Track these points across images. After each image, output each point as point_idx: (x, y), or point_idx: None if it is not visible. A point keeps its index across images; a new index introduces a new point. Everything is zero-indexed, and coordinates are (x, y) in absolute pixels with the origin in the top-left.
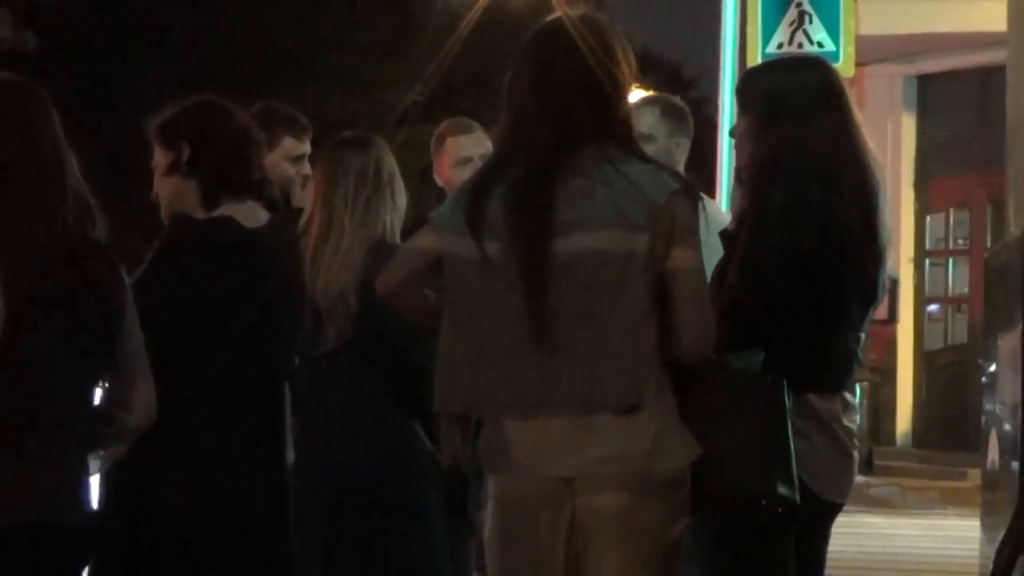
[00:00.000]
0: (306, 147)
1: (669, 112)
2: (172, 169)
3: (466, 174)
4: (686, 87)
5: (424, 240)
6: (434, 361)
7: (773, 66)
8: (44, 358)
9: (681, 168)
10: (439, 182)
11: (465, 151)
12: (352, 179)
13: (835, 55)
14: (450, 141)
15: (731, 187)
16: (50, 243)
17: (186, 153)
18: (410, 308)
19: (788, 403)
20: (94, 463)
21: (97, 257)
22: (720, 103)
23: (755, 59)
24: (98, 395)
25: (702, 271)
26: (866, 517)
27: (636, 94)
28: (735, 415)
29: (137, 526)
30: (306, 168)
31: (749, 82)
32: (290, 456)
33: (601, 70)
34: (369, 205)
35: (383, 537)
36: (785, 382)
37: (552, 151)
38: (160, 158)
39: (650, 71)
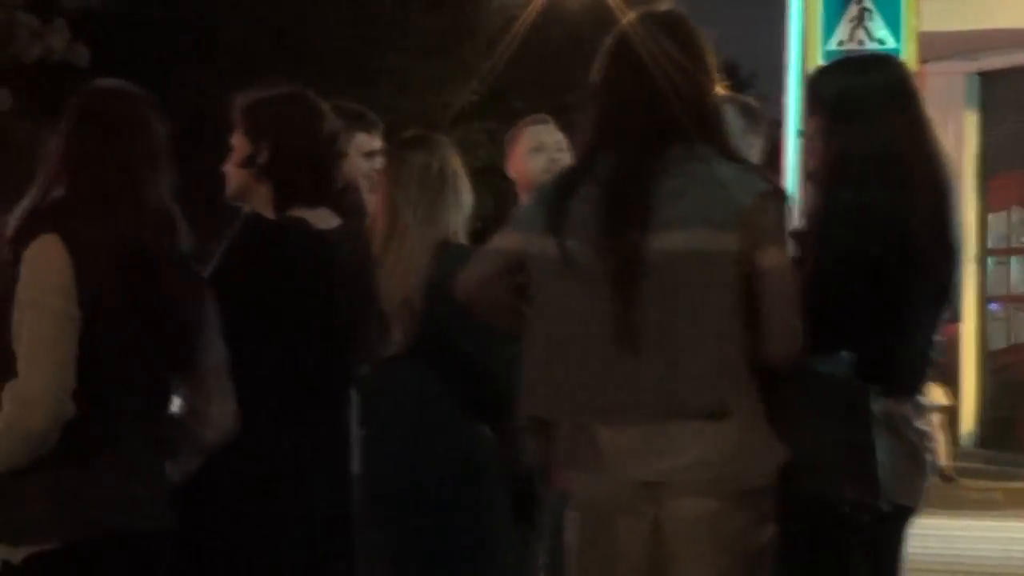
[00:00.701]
0: (377, 142)
1: (743, 112)
2: (247, 163)
3: (540, 163)
4: (744, 85)
5: (505, 240)
6: (501, 364)
7: (844, 65)
8: (121, 370)
9: None
10: (512, 175)
11: (539, 138)
12: (415, 179)
13: (896, 52)
14: (526, 131)
15: (798, 186)
16: (127, 256)
17: (263, 155)
18: (490, 310)
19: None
20: (173, 473)
21: (177, 272)
22: (784, 102)
23: (815, 57)
24: (177, 407)
25: (790, 273)
26: (929, 519)
27: None
28: (821, 421)
29: (202, 535)
30: (379, 163)
31: (820, 81)
32: (356, 465)
33: (692, 68)
34: (433, 205)
35: (448, 542)
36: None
37: (643, 150)
38: (239, 143)
39: None
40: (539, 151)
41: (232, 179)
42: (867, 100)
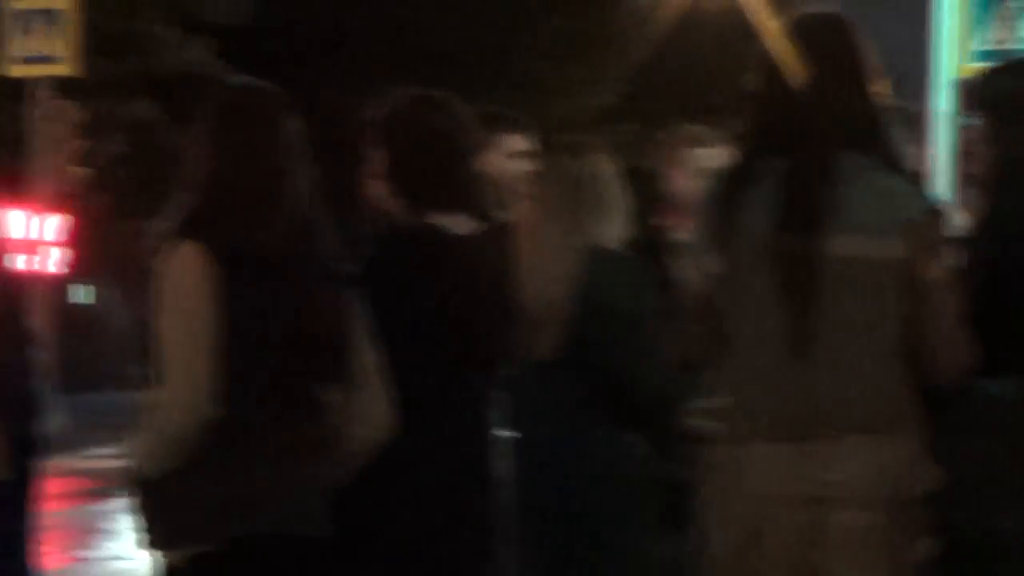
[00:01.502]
0: (524, 144)
1: (900, 118)
2: (379, 173)
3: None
4: (893, 89)
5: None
6: (652, 372)
7: (1009, 67)
8: (265, 377)
9: None
10: (668, 189)
11: (702, 163)
12: (556, 185)
13: None
14: (688, 152)
15: (948, 192)
16: (268, 263)
17: (392, 163)
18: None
19: None
20: (330, 476)
21: (318, 275)
22: (931, 106)
23: (963, 58)
24: (333, 409)
25: (952, 291)
26: None
27: None
28: (986, 444)
29: (350, 539)
30: (526, 165)
31: (984, 84)
32: (502, 467)
33: (856, 72)
34: (574, 211)
35: (595, 550)
36: None
37: (812, 156)
38: (371, 155)
39: None
40: (700, 177)
41: (369, 190)
42: None
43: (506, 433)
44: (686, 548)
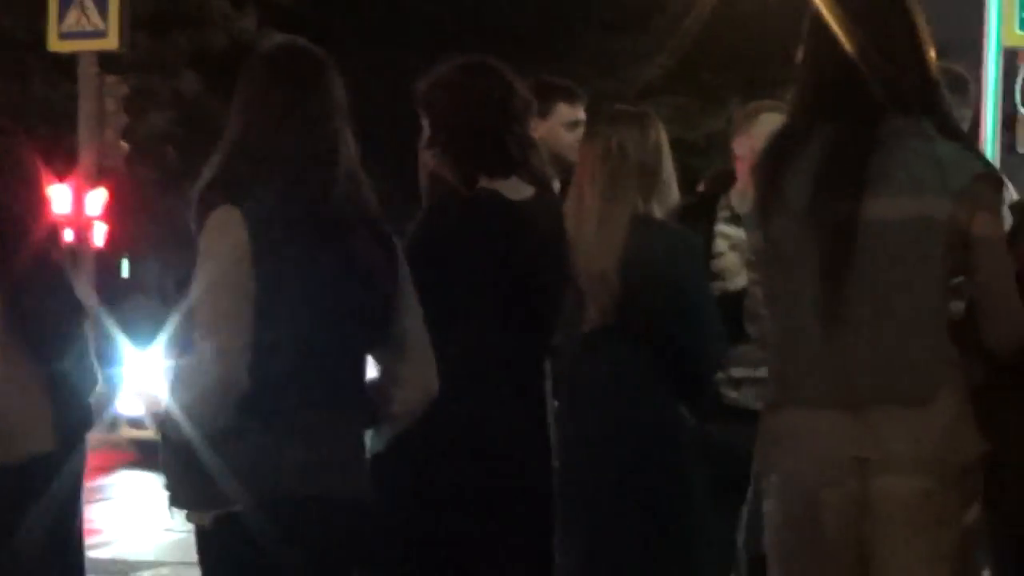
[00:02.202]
0: (581, 113)
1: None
2: (432, 143)
3: None
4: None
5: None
6: (701, 341)
7: None
8: (306, 341)
9: None
10: (740, 152)
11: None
12: (598, 155)
13: None
14: (762, 117)
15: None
16: (311, 224)
17: (442, 131)
18: None
19: None
20: (375, 440)
21: (368, 235)
22: (984, 74)
23: (1012, 26)
24: (376, 372)
25: (1006, 256)
26: None
27: None
28: None
29: (402, 504)
30: (582, 134)
31: None
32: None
33: (908, 35)
34: (613, 181)
35: (644, 517)
36: None
37: (861, 122)
38: (425, 124)
39: None
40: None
41: (423, 160)
42: None
43: (552, 400)
44: (737, 516)
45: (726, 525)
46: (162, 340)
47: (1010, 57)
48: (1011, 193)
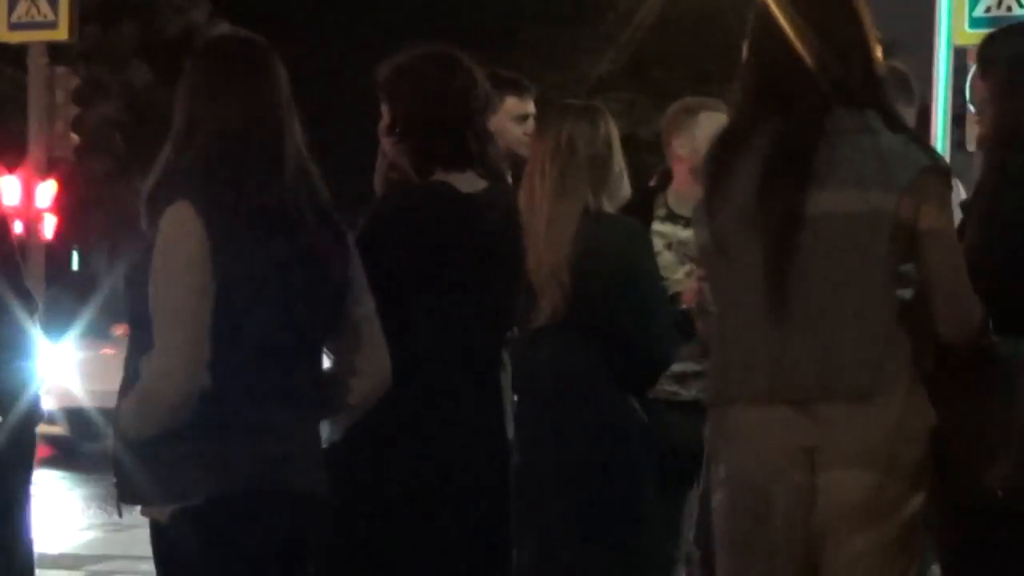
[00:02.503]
0: (530, 106)
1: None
2: (389, 131)
3: None
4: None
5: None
6: (651, 336)
7: (1017, 29)
8: (262, 335)
9: None
10: (679, 153)
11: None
12: (548, 151)
13: None
14: (704, 115)
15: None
16: (265, 217)
17: (400, 120)
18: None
19: None
20: (328, 430)
21: (319, 226)
22: (934, 72)
23: (962, 24)
24: (329, 363)
25: (956, 246)
26: None
27: None
28: (1000, 405)
29: (357, 497)
30: (531, 128)
31: (992, 45)
32: (510, 430)
33: (852, 29)
34: (564, 176)
35: (595, 512)
36: None
37: (806, 116)
38: (383, 113)
39: None
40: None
41: (383, 146)
42: None
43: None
44: (685, 508)
45: (675, 517)
46: (73, 333)
47: (961, 55)
48: (959, 191)
